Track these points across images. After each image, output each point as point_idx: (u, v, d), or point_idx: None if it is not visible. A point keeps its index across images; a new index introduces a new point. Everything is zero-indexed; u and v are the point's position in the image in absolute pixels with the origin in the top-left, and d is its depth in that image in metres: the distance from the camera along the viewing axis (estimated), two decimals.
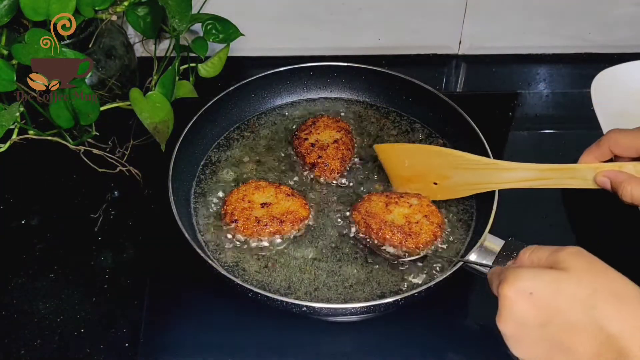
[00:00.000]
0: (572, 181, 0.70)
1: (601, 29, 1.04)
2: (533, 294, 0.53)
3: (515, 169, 0.73)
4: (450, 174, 0.77)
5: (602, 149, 0.69)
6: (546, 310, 0.53)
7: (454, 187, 0.78)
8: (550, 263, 0.56)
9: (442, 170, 0.77)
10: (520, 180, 0.73)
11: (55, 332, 0.74)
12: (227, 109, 0.91)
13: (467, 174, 0.75)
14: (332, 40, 1.05)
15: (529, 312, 0.53)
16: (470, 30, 1.04)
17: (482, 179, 0.75)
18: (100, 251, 0.81)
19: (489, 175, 0.74)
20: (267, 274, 0.76)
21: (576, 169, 0.69)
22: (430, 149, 0.78)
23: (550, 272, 0.54)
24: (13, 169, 0.89)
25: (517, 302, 0.54)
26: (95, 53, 0.87)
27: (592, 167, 0.68)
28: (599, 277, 0.53)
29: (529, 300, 0.53)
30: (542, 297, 0.53)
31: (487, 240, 0.72)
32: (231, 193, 0.82)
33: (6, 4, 0.78)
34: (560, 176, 0.70)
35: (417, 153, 0.79)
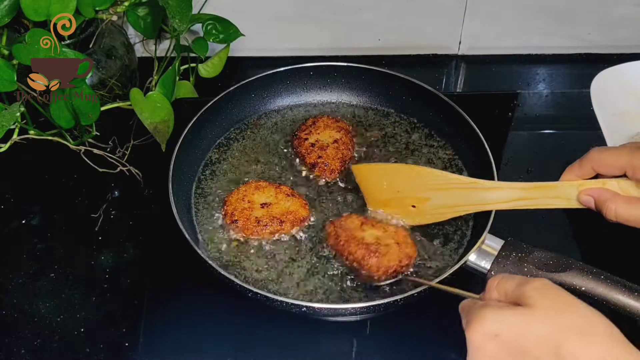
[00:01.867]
0: (556, 201, 0.68)
1: (601, 29, 1.05)
2: (498, 336, 0.53)
3: (497, 188, 0.72)
4: (430, 195, 0.75)
5: (585, 168, 0.67)
6: (513, 350, 0.52)
7: (432, 210, 0.76)
8: (515, 297, 0.55)
9: (421, 191, 0.75)
10: (501, 201, 0.71)
11: (56, 331, 0.74)
12: (228, 109, 0.92)
13: (447, 196, 0.73)
14: (332, 40, 1.05)
15: (497, 354, 0.53)
16: (470, 31, 1.05)
17: (462, 200, 0.73)
18: (101, 251, 0.81)
19: (469, 196, 0.73)
20: (267, 274, 0.76)
21: (559, 187, 0.68)
22: (410, 169, 0.76)
23: (514, 311, 0.54)
24: (14, 169, 0.89)
25: (484, 344, 0.53)
26: (95, 53, 0.88)
27: (575, 185, 0.67)
28: (564, 313, 0.53)
29: (496, 342, 0.53)
30: (507, 339, 0.52)
31: (487, 240, 0.72)
32: (231, 193, 0.82)
33: (7, 4, 0.78)
34: (543, 195, 0.69)
35: (396, 173, 0.77)
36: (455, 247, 0.79)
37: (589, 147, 0.92)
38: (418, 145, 0.90)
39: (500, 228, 0.73)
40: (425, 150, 0.89)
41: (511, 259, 0.69)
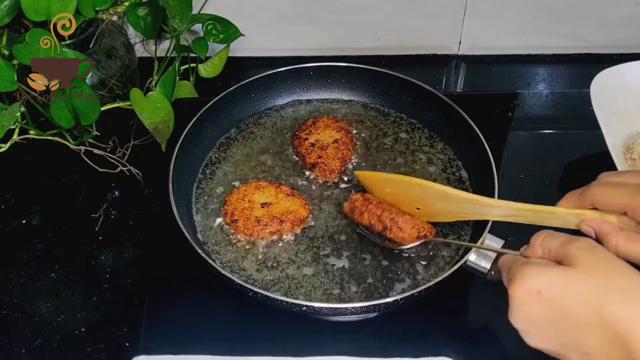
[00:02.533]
0: (554, 221, 0.67)
1: (601, 29, 1.05)
2: (541, 293, 0.53)
3: (494, 206, 0.72)
4: (433, 202, 0.75)
5: (584, 201, 0.65)
6: (555, 309, 0.53)
7: (437, 213, 0.76)
8: (559, 255, 0.55)
9: (424, 199, 0.76)
10: (503, 217, 0.72)
11: (56, 331, 0.74)
12: (228, 109, 0.92)
13: (449, 204, 0.74)
14: (332, 40, 1.05)
15: (538, 311, 0.53)
16: (470, 31, 1.05)
17: (464, 209, 0.74)
18: (101, 251, 0.81)
19: (469, 208, 0.73)
20: (267, 274, 0.76)
21: (556, 212, 0.66)
22: (411, 181, 0.76)
23: (557, 269, 0.54)
24: (14, 169, 0.89)
25: (526, 301, 0.54)
26: (95, 53, 0.88)
27: (573, 213, 0.65)
28: (608, 273, 0.53)
29: (538, 300, 0.53)
30: (550, 296, 0.53)
31: (487, 240, 0.72)
32: (231, 193, 0.83)
33: (7, 5, 0.78)
34: (540, 218, 0.68)
35: (397, 183, 0.77)
36: (455, 247, 0.79)
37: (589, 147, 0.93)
38: (418, 145, 0.90)
39: (500, 228, 0.73)
40: (425, 150, 0.89)
41: None
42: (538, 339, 0.55)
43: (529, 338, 0.56)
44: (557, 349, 0.54)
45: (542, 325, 0.54)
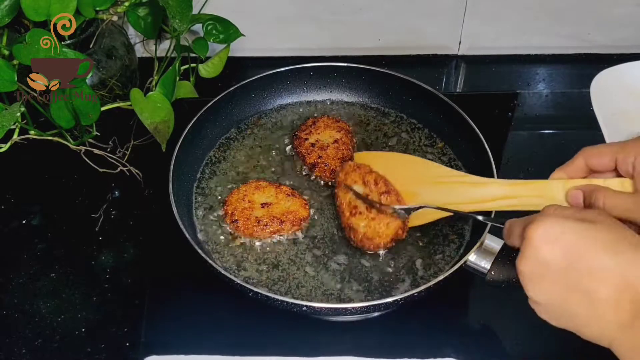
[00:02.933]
0: (541, 200, 0.68)
1: (601, 29, 1.05)
2: (560, 238, 0.53)
3: (485, 184, 0.73)
4: (419, 191, 0.76)
5: (575, 163, 0.67)
6: (571, 253, 0.53)
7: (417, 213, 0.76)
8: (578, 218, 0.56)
9: (412, 185, 0.76)
10: (488, 200, 0.72)
11: (56, 331, 0.74)
12: (228, 109, 0.92)
13: (435, 192, 0.74)
14: (332, 41, 1.05)
15: (554, 254, 0.53)
16: (470, 31, 1.05)
17: (450, 198, 0.73)
18: (101, 251, 0.81)
19: (457, 192, 0.73)
20: (268, 274, 0.76)
21: (546, 184, 0.68)
22: (407, 158, 0.77)
23: (578, 220, 0.54)
24: (14, 169, 0.89)
25: (544, 243, 0.54)
26: (96, 53, 0.88)
27: (561, 182, 0.67)
28: (626, 230, 0.54)
29: (555, 243, 0.53)
30: (569, 240, 0.53)
31: (487, 240, 0.72)
32: (231, 193, 0.83)
33: (7, 5, 0.78)
34: (529, 193, 0.69)
35: (393, 161, 0.78)
36: (455, 247, 0.79)
37: None
38: (418, 145, 0.90)
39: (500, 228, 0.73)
40: (425, 150, 0.89)
41: (511, 259, 0.69)
42: (542, 286, 0.55)
43: (532, 285, 0.55)
44: (560, 299, 0.54)
45: (552, 271, 0.54)
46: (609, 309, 0.52)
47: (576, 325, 0.55)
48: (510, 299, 0.76)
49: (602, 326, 0.53)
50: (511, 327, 0.75)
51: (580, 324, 0.55)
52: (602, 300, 0.52)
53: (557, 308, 0.55)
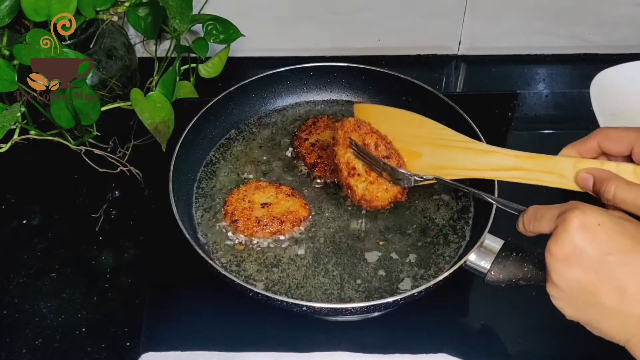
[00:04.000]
0: (548, 176, 0.66)
1: (600, 29, 1.05)
2: (601, 226, 0.53)
3: (492, 152, 0.70)
4: (423, 151, 0.73)
5: (589, 143, 0.64)
6: (610, 243, 0.53)
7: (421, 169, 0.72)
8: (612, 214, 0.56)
9: (416, 144, 0.73)
10: (493, 169, 0.69)
11: (57, 331, 0.74)
12: (228, 110, 0.92)
13: (440, 154, 0.71)
14: (332, 41, 1.05)
15: (591, 242, 0.53)
16: (469, 31, 1.05)
17: (454, 162, 0.71)
18: (101, 251, 0.81)
19: (463, 158, 0.71)
20: (268, 274, 0.76)
21: (555, 160, 0.65)
22: (413, 116, 0.73)
23: (614, 216, 0.55)
24: (14, 169, 0.89)
25: (582, 229, 0.54)
26: (96, 53, 0.88)
27: (571, 161, 0.64)
28: None
29: (596, 231, 0.53)
30: (609, 230, 0.53)
31: (486, 240, 0.72)
32: (231, 193, 0.83)
33: (7, 5, 0.78)
34: (536, 167, 0.67)
35: (398, 118, 0.74)
36: (455, 247, 0.79)
37: None
38: None
39: (500, 228, 0.73)
40: None
41: (511, 259, 0.69)
42: (571, 272, 0.54)
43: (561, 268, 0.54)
44: (588, 288, 0.54)
45: (585, 258, 0.53)
46: (636, 302, 0.52)
47: (596, 317, 0.54)
48: (510, 299, 0.76)
49: (624, 321, 0.53)
50: (511, 327, 0.75)
51: (600, 317, 0.54)
52: (632, 294, 0.52)
53: (581, 297, 0.54)
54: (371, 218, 0.82)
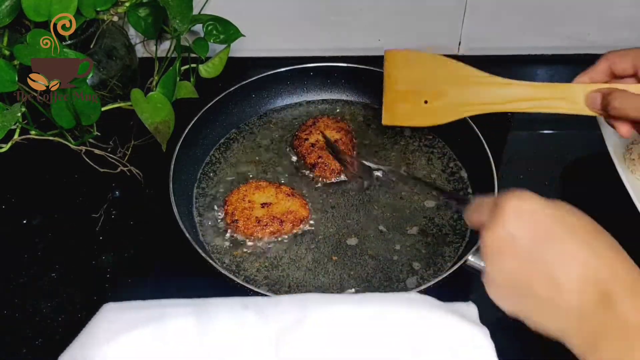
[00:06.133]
0: (563, 103, 0.71)
1: (600, 29, 1.05)
2: (532, 215, 0.52)
3: (509, 84, 0.75)
4: (447, 90, 0.77)
5: (599, 67, 0.69)
6: (545, 232, 0.51)
7: (444, 108, 0.77)
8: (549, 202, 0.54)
9: (440, 84, 0.78)
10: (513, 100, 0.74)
11: (57, 331, 0.74)
12: (228, 110, 0.92)
13: (463, 91, 0.76)
14: (332, 41, 1.05)
15: (527, 228, 0.52)
16: (469, 31, 1.05)
17: (476, 97, 0.75)
18: (102, 251, 0.82)
19: (483, 92, 0.75)
20: (268, 274, 0.76)
21: (569, 87, 0.71)
22: (437, 58, 0.80)
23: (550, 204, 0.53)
24: (15, 169, 0.89)
25: (515, 216, 0.52)
26: (96, 54, 0.88)
27: (583, 86, 0.69)
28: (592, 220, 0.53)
29: (531, 217, 0.52)
30: (544, 219, 0.52)
31: None
32: (231, 193, 0.83)
33: (8, 5, 0.78)
34: (552, 95, 0.72)
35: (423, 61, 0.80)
36: (455, 247, 0.79)
37: (589, 147, 0.93)
38: (418, 145, 0.90)
39: None
40: (425, 150, 0.90)
41: None
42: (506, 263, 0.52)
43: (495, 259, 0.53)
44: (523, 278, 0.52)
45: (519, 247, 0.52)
46: (573, 295, 0.50)
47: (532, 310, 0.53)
48: None
49: (559, 313, 0.51)
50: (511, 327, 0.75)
51: (536, 309, 0.52)
52: (567, 285, 0.50)
53: (516, 289, 0.53)
54: (371, 218, 0.82)
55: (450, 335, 0.55)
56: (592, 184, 0.88)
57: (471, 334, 0.55)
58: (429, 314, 0.55)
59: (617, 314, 0.49)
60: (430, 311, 0.56)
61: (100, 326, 0.57)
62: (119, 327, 0.56)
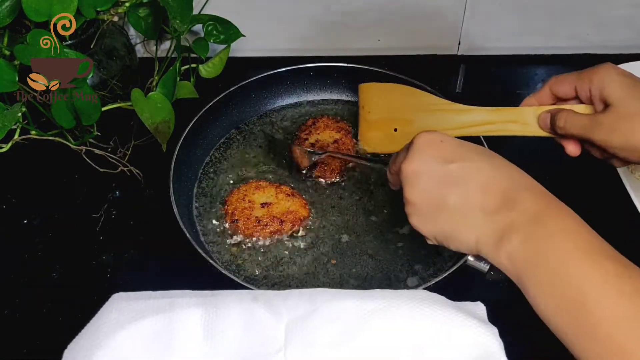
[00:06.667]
0: (514, 126, 0.76)
1: (599, 30, 1.05)
2: (443, 142, 0.60)
3: (469, 110, 0.79)
4: (413, 118, 0.82)
5: (543, 91, 0.74)
6: (452, 154, 0.59)
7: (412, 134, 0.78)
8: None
9: (408, 113, 0.83)
10: (472, 125, 0.79)
11: (57, 331, 0.74)
12: (228, 110, 0.92)
13: (428, 118, 0.81)
14: (332, 41, 1.05)
15: (437, 152, 0.60)
16: (469, 31, 1.05)
17: (440, 123, 0.80)
18: (102, 251, 0.82)
19: (446, 118, 0.80)
20: (267, 274, 0.77)
21: (519, 110, 0.75)
22: (405, 88, 0.85)
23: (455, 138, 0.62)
24: (15, 169, 0.90)
25: (427, 146, 0.60)
26: (96, 54, 0.88)
27: (533, 109, 0.74)
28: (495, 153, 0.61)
29: (440, 144, 0.60)
30: (450, 145, 0.60)
31: None
32: (232, 193, 0.83)
33: (8, 5, 0.78)
34: (504, 118, 0.76)
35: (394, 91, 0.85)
36: None
37: None
38: None
39: None
40: None
41: None
42: (420, 184, 0.60)
43: (412, 184, 0.60)
44: (435, 195, 0.59)
45: (431, 169, 0.59)
46: (478, 199, 0.57)
47: (448, 226, 0.59)
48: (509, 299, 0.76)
49: (470, 223, 0.57)
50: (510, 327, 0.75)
51: (451, 224, 0.58)
52: (473, 193, 0.57)
53: (431, 206, 0.59)
54: (371, 218, 0.82)
55: (459, 332, 0.56)
56: (592, 184, 0.88)
57: (479, 332, 0.56)
58: (438, 311, 0.57)
59: (518, 210, 0.55)
60: (440, 308, 0.57)
61: (109, 315, 0.58)
62: (128, 316, 0.57)
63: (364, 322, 0.56)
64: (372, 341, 0.55)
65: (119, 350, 0.55)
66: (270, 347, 0.55)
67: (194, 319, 0.57)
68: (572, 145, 0.73)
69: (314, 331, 0.56)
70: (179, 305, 0.58)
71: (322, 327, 0.56)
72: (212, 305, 0.58)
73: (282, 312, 0.57)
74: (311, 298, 0.58)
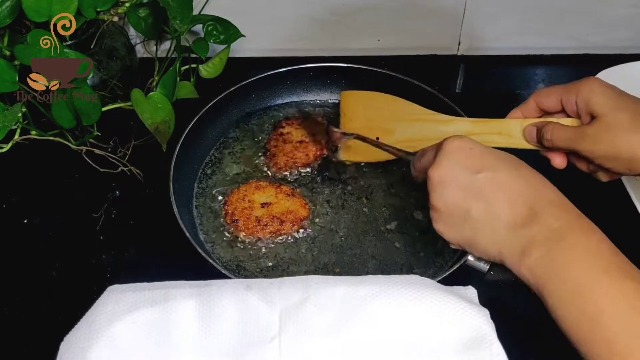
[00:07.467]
0: (499, 137, 0.75)
1: (599, 30, 1.05)
2: (472, 149, 0.61)
3: (451, 121, 0.79)
4: (394, 127, 0.81)
5: (528, 104, 0.74)
6: (480, 162, 0.60)
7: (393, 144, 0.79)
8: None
9: (389, 122, 0.82)
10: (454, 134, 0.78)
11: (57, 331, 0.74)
12: (228, 110, 0.92)
13: (408, 128, 0.81)
14: (332, 41, 1.05)
15: (465, 160, 0.60)
16: (469, 31, 1.05)
17: (420, 133, 0.80)
18: (102, 250, 0.82)
19: (429, 129, 0.80)
20: (268, 274, 0.77)
21: (504, 122, 0.75)
22: (386, 97, 0.84)
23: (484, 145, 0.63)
24: (15, 169, 0.90)
25: (458, 150, 0.61)
26: (97, 54, 0.88)
27: (518, 121, 0.74)
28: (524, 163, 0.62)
29: (469, 152, 0.60)
30: (480, 153, 0.61)
31: None
32: (232, 193, 0.83)
33: (8, 6, 0.78)
34: (489, 130, 0.76)
35: (375, 100, 0.84)
36: None
37: None
38: None
39: None
40: None
41: None
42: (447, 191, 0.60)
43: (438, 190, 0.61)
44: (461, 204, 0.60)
45: (459, 177, 0.60)
46: (505, 212, 0.58)
47: (472, 234, 0.60)
48: (509, 299, 0.76)
49: (494, 234, 0.58)
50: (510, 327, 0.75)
51: (475, 233, 0.59)
52: (499, 205, 0.58)
53: (456, 215, 0.60)
54: (371, 218, 0.82)
55: (451, 315, 0.57)
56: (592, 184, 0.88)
57: (472, 314, 0.57)
58: (430, 295, 0.58)
59: (542, 224, 0.56)
60: (432, 292, 0.58)
61: (105, 307, 0.59)
62: (124, 307, 0.58)
63: (358, 308, 0.56)
64: (366, 326, 0.56)
65: (115, 341, 0.56)
66: (265, 335, 0.56)
67: (189, 309, 0.57)
68: (559, 158, 0.73)
69: (308, 318, 0.56)
70: (174, 296, 0.59)
71: (316, 314, 0.56)
72: (207, 295, 0.58)
73: (276, 300, 0.58)
74: (304, 285, 0.58)
